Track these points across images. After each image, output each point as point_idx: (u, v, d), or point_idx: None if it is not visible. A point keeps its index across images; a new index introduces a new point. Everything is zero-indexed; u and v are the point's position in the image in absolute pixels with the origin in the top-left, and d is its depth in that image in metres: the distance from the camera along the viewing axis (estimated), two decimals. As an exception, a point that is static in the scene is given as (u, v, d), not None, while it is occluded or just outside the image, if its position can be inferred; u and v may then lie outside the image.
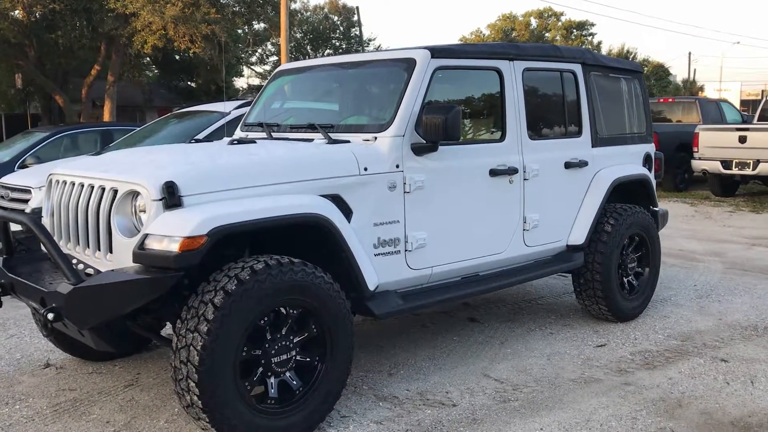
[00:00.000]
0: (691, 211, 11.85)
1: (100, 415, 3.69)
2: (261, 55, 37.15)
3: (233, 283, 3.03)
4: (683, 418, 3.58)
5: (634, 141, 5.57)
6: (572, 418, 3.59)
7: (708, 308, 5.65)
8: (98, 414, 3.71)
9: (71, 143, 9.65)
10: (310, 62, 4.94)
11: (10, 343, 4.94)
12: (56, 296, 3.08)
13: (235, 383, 3.07)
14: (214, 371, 2.98)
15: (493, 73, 4.45)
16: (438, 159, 4.00)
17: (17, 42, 20.57)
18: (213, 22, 18.11)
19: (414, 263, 3.97)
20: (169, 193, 3.09)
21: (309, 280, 3.26)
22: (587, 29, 50.28)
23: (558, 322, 5.29)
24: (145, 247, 3.07)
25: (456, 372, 4.23)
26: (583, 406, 3.73)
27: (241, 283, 3.04)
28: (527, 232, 4.61)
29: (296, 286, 3.21)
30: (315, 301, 3.29)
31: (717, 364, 4.35)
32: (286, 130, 4.45)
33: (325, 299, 3.32)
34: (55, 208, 3.76)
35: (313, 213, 3.39)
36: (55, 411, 3.76)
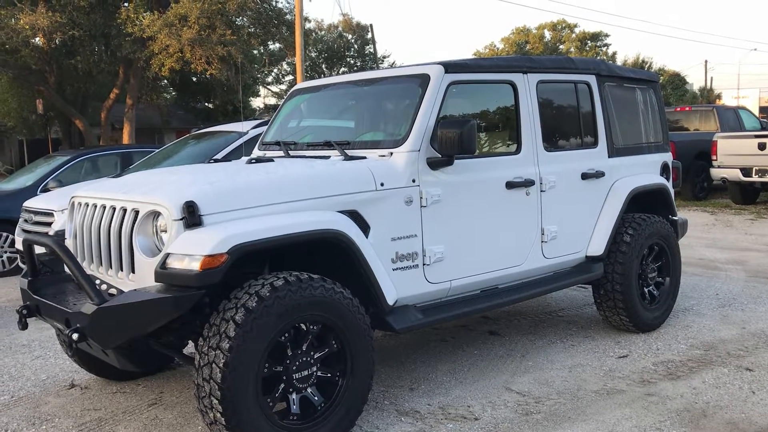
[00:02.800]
0: (711, 219, 11.75)
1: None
2: (277, 74, 37.49)
3: (254, 300, 3.07)
4: (708, 429, 3.54)
5: (650, 150, 5.55)
6: (595, 430, 3.56)
7: (731, 317, 5.59)
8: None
9: (92, 166, 9.81)
10: (325, 81, 5.00)
11: (36, 364, 5.01)
12: (80, 317, 3.14)
13: (258, 400, 3.09)
14: (237, 388, 3.01)
15: (507, 86, 4.47)
16: (454, 173, 4.02)
17: (38, 68, 20.96)
18: (229, 44, 18.31)
19: (432, 277, 3.98)
20: (190, 213, 3.14)
21: (328, 296, 3.28)
22: (602, 40, 50.17)
23: (579, 333, 5.26)
24: (167, 266, 3.11)
25: (477, 386, 4.22)
26: (606, 418, 3.70)
27: (261, 300, 3.07)
28: (545, 243, 4.60)
29: (316, 302, 3.23)
30: (334, 316, 3.31)
31: (742, 374, 4.30)
32: (303, 148, 4.50)
33: (344, 314, 3.34)
34: (78, 230, 3.83)
35: (331, 229, 3.42)
36: (81, 431, 3.80)
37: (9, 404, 4.24)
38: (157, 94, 26.46)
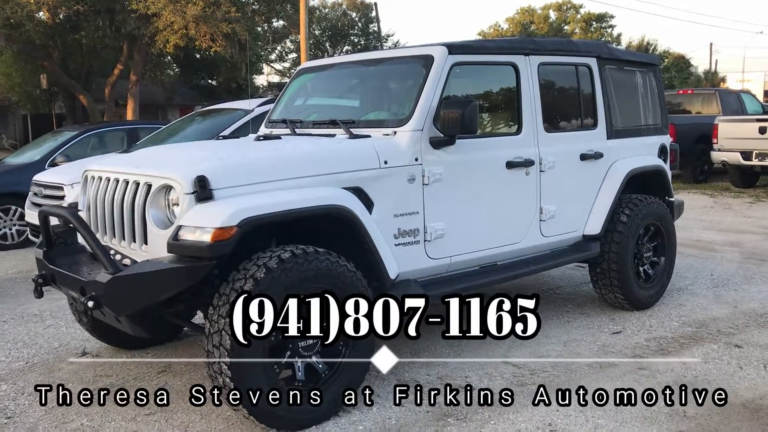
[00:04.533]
0: (710, 202, 11.86)
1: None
2: (280, 52, 37.46)
3: (262, 272, 3.20)
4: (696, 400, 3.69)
5: (649, 133, 5.66)
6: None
7: (724, 297, 5.74)
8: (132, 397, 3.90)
9: (98, 142, 9.92)
10: (332, 60, 5.10)
11: (48, 332, 5.17)
12: (96, 285, 3.28)
13: (264, 366, 3.24)
14: (245, 355, 3.15)
15: (510, 67, 4.57)
16: (456, 152, 4.14)
17: (42, 43, 20.99)
18: (233, 21, 18.35)
19: (433, 253, 4.11)
20: (201, 187, 3.27)
21: (333, 269, 3.42)
22: (607, 21, 49.95)
23: (575, 310, 5.41)
24: (179, 238, 3.25)
25: (475, 358, 4.37)
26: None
27: (269, 272, 3.21)
28: (544, 222, 4.73)
29: (321, 274, 3.37)
30: (339, 288, 3.44)
31: (731, 350, 4.45)
32: (309, 126, 4.61)
33: (348, 287, 3.47)
34: (92, 203, 3.96)
35: (336, 205, 3.55)
36: (94, 395, 3.95)
37: (24, 370, 4.41)
38: (161, 70, 26.48)
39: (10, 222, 8.81)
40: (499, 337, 3.67)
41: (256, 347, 3.18)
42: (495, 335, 3.53)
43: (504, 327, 3.50)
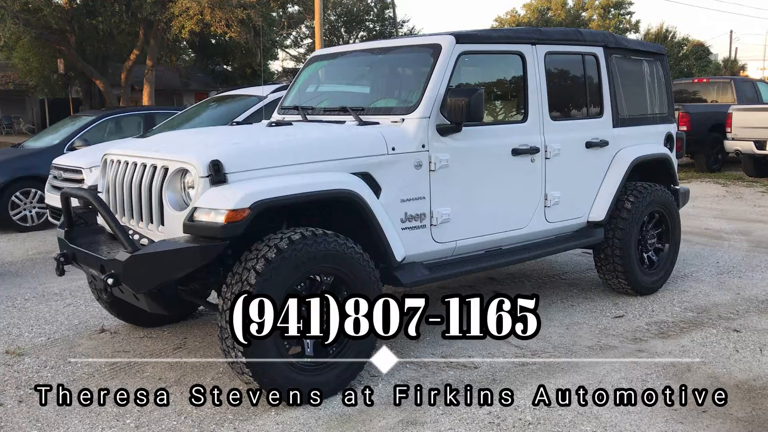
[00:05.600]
0: (722, 191, 11.88)
1: (153, 373, 4.07)
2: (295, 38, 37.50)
3: (273, 252, 3.35)
4: (691, 381, 3.82)
5: (655, 121, 5.74)
6: (586, 379, 3.85)
7: (727, 283, 5.83)
8: (151, 372, 4.09)
9: (116, 126, 10.13)
10: (343, 48, 5.22)
11: (68, 310, 5.37)
12: (115, 263, 3.45)
13: (275, 341, 3.40)
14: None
15: (516, 57, 4.67)
16: (462, 139, 4.26)
17: (59, 28, 21.23)
18: (249, 7, 18.46)
19: (439, 237, 4.25)
20: (215, 171, 3.42)
21: (341, 250, 3.56)
22: (625, 8, 49.42)
23: (579, 295, 5.53)
24: (194, 219, 3.40)
25: (479, 339, 4.50)
26: (596, 370, 3.99)
27: (280, 252, 3.36)
28: (548, 208, 4.84)
29: (329, 255, 3.52)
30: (346, 269, 3.59)
31: (729, 334, 4.56)
32: (320, 113, 4.74)
33: (355, 268, 3.62)
34: (111, 185, 4.12)
35: (344, 189, 3.69)
36: (112, 369, 4.15)
37: (46, 345, 4.60)
38: (177, 55, 26.67)
39: (30, 204, 9.04)
40: (499, 337, 3.82)
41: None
42: (495, 335, 3.66)
43: (504, 327, 3.62)
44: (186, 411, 3.55)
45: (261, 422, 3.41)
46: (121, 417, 3.51)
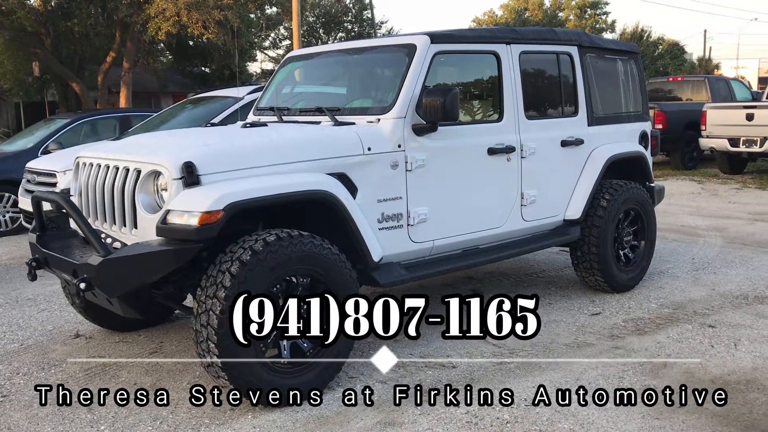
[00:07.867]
0: (698, 188, 12.02)
1: (128, 378, 4.02)
2: (274, 39, 37.31)
3: (248, 254, 3.33)
4: (667, 377, 3.85)
5: (630, 120, 5.79)
6: (563, 377, 3.87)
7: (703, 280, 5.89)
8: (126, 377, 4.04)
9: (91, 129, 10.01)
10: (318, 48, 5.20)
11: (42, 316, 5.29)
12: (88, 267, 3.40)
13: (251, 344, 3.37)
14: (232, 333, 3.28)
15: (491, 56, 4.68)
16: (438, 139, 4.26)
17: (34, 30, 20.96)
18: (226, 8, 18.34)
19: (416, 237, 4.24)
20: (188, 173, 3.38)
21: (317, 252, 3.54)
22: (601, 8, 49.83)
23: (557, 293, 5.56)
24: (168, 221, 3.36)
25: (456, 338, 4.50)
26: (574, 367, 4.01)
27: (255, 254, 3.33)
28: (525, 207, 4.86)
29: (305, 256, 3.50)
30: (323, 270, 3.57)
31: (704, 330, 4.61)
32: (295, 114, 4.72)
33: (332, 269, 3.60)
34: (83, 188, 4.07)
35: (320, 190, 3.67)
36: (87, 374, 4.09)
37: (19, 351, 4.53)
38: (154, 57, 26.44)
39: (3, 209, 8.91)
40: (499, 337, 3.81)
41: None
42: (495, 335, 3.65)
43: (504, 327, 3.61)
44: (162, 416, 3.52)
45: (238, 426, 3.38)
46: (95, 423, 3.46)
